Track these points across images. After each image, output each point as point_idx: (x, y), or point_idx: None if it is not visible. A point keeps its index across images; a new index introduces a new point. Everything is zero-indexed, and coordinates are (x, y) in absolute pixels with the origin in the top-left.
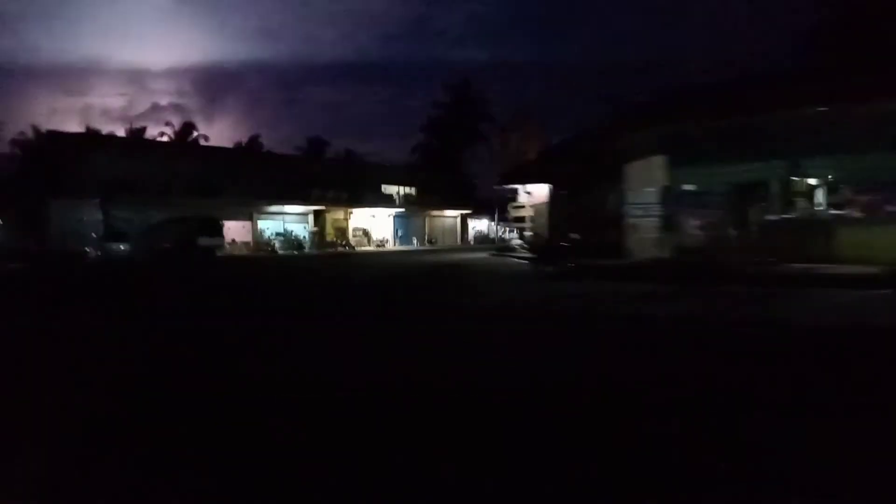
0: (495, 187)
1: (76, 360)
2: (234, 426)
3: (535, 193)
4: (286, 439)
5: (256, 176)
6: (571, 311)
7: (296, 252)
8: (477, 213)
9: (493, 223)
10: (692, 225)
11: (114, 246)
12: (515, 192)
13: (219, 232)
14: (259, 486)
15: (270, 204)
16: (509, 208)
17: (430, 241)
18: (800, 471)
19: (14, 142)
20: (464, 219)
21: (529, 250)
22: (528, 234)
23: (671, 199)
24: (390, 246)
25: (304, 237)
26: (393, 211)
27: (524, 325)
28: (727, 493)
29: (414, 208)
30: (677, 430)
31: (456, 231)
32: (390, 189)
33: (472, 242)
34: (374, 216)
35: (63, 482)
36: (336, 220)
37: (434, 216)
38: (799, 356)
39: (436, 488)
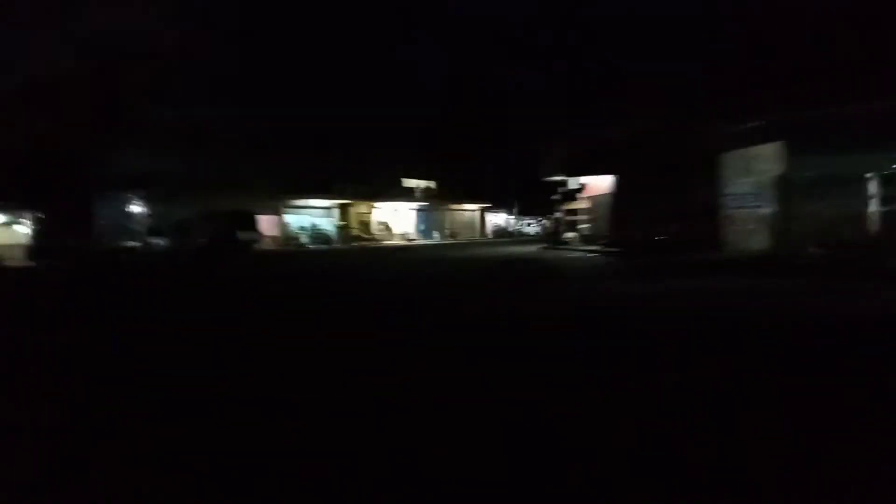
0: (544, 180)
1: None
2: None
3: (591, 185)
4: None
5: (281, 169)
6: (770, 312)
7: (325, 246)
8: (495, 207)
9: (510, 217)
10: (805, 216)
11: (154, 241)
12: (562, 184)
13: (255, 226)
14: None
15: (297, 197)
16: (560, 201)
17: (451, 235)
18: None
19: None
20: (482, 212)
21: (602, 244)
22: (582, 227)
23: (784, 188)
24: (412, 240)
25: (330, 231)
26: (416, 204)
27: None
28: None
29: (435, 202)
30: None
31: (474, 225)
32: (410, 182)
33: (490, 236)
34: (396, 210)
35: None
36: (360, 214)
37: (454, 210)
38: None
39: None
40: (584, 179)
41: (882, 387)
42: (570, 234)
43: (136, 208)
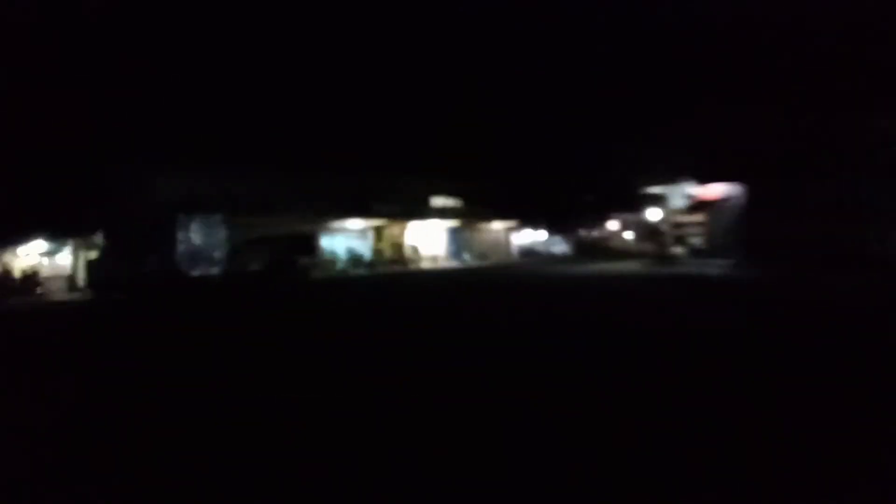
0: (644, 192)
1: None
2: None
3: (706, 194)
4: None
5: (316, 189)
6: None
7: (363, 271)
8: (522, 226)
9: (538, 236)
10: None
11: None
12: (657, 198)
13: (313, 250)
14: None
15: (334, 219)
16: (669, 214)
17: (481, 257)
18: None
19: None
20: (507, 232)
21: (733, 258)
22: (693, 241)
23: None
24: (444, 262)
25: (366, 255)
26: (445, 224)
27: None
28: None
29: (466, 221)
30: None
31: (500, 245)
32: (438, 201)
33: (516, 257)
34: (427, 231)
35: None
36: (392, 236)
37: (483, 230)
38: None
39: None
40: (693, 189)
41: None
42: (678, 250)
43: (214, 232)
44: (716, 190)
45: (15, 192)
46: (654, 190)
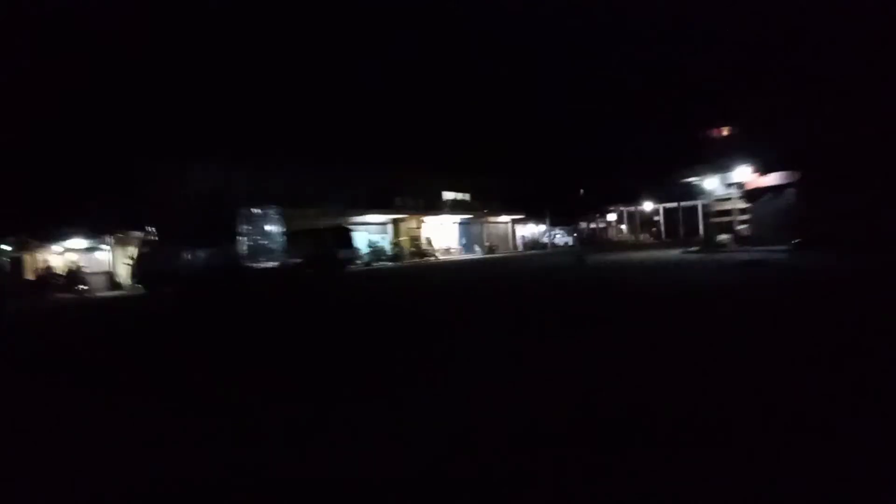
0: (682, 181)
1: None
2: None
3: (752, 182)
4: None
5: (339, 183)
6: None
7: (389, 263)
8: (527, 219)
9: (542, 228)
10: None
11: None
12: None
13: (353, 243)
14: None
15: (358, 213)
16: (712, 202)
17: (491, 249)
18: None
19: None
20: (513, 224)
21: (787, 243)
22: (741, 228)
23: None
24: (457, 255)
25: (386, 247)
26: (458, 217)
27: None
28: None
29: (478, 214)
30: None
31: (507, 237)
32: (449, 195)
33: (521, 249)
34: (441, 224)
35: None
36: (409, 229)
37: (492, 223)
38: None
39: None
40: (739, 176)
41: None
42: (724, 237)
43: (272, 225)
44: (762, 178)
45: (54, 189)
46: (693, 179)
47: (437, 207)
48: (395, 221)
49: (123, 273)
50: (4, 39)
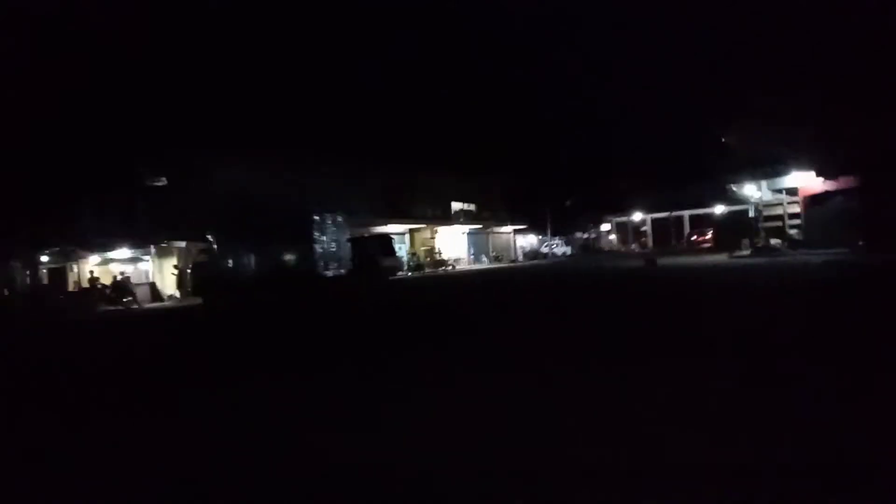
0: (731, 187)
1: None
2: None
3: (805, 188)
4: None
5: (358, 191)
6: None
7: (411, 273)
8: (528, 229)
9: (542, 238)
10: None
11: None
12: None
13: (394, 251)
14: None
15: (380, 223)
16: (758, 207)
17: (496, 259)
18: None
19: None
20: (513, 235)
21: (851, 247)
22: (792, 232)
23: None
24: (466, 264)
25: (403, 258)
26: (467, 228)
27: None
28: None
29: (486, 224)
30: None
31: (510, 247)
32: (457, 205)
33: (521, 259)
34: (452, 234)
35: None
36: (423, 239)
37: (495, 233)
38: None
39: None
40: (788, 183)
41: None
42: (775, 241)
43: (339, 232)
44: (815, 183)
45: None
46: (741, 185)
47: (448, 217)
48: (411, 231)
49: (168, 284)
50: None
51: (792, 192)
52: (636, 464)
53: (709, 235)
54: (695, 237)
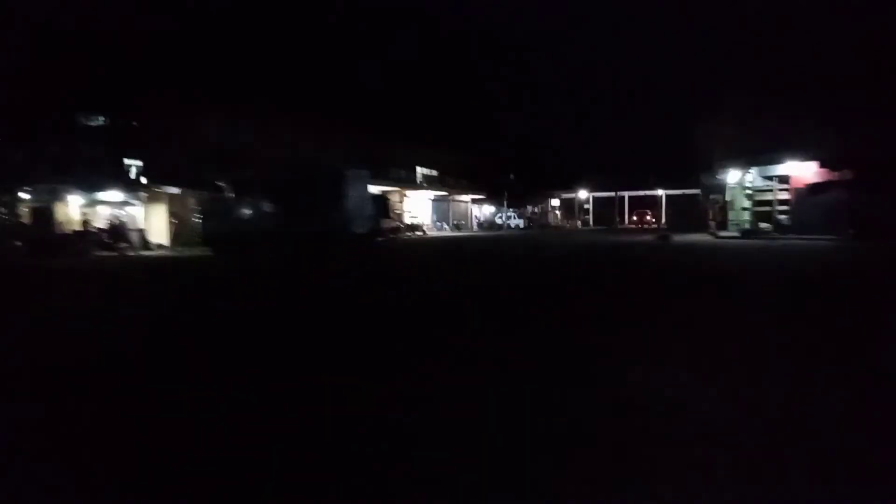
0: (719, 171)
1: None
2: None
3: (797, 175)
4: None
5: (336, 151)
6: None
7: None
8: (487, 199)
9: (499, 209)
10: None
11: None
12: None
13: (390, 212)
14: None
15: None
16: (750, 191)
17: (457, 227)
18: None
19: None
20: (471, 204)
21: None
22: (782, 217)
23: None
24: (432, 231)
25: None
26: (432, 194)
27: None
28: None
29: (450, 191)
30: None
31: (468, 216)
32: (422, 171)
33: (477, 229)
34: (418, 199)
35: None
36: (394, 203)
37: (455, 201)
38: None
39: None
40: (779, 170)
41: None
42: (765, 225)
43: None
44: (807, 172)
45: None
46: (730, 170)
47: (414, 182)
48: (383, 194)
49: (156, 232)
50: None
51: (784, 179)
52: None
53: (648, 217)
54: (636, 217)
